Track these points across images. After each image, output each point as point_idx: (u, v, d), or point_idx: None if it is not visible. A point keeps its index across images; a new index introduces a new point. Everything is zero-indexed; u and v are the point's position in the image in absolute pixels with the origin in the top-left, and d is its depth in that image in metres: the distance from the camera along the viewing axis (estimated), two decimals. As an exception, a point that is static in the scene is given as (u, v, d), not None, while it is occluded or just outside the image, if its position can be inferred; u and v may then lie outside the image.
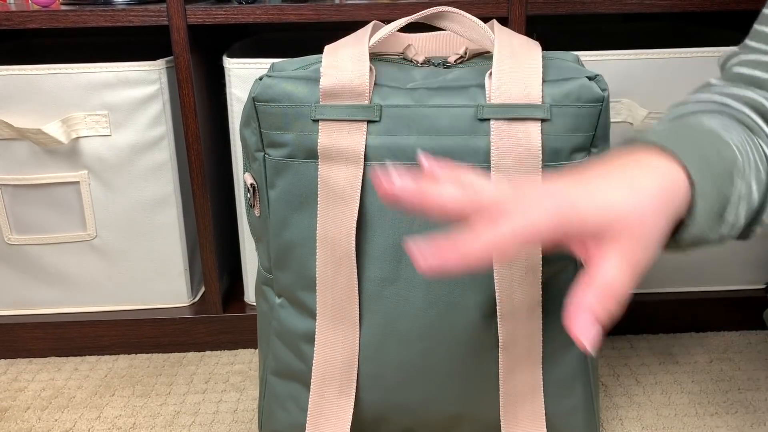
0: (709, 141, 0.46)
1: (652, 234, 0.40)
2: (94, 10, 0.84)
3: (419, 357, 0.65)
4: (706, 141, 0.46)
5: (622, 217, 0.39)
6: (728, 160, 0.46)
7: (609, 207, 0.39)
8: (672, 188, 0.42)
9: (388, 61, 0.68)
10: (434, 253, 0.39)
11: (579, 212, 0.39)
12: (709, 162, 0.44)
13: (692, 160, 0.43)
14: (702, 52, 0.85)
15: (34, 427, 0.80)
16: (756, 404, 0.81)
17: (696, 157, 0.44)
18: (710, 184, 0.44)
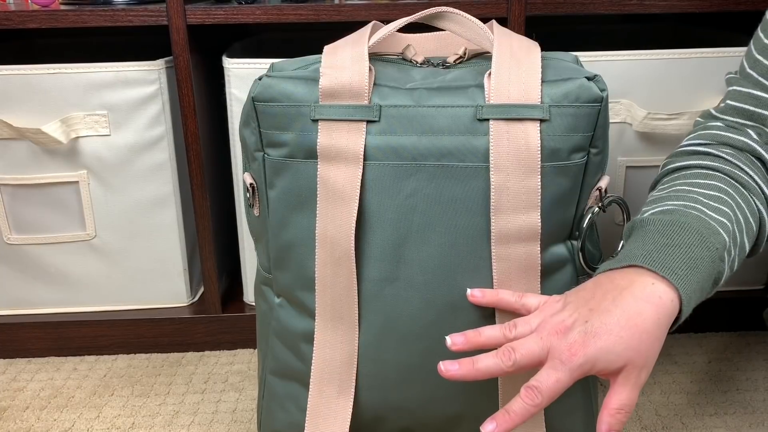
0: (698, 239, 0.54)
1: (651, 359, 0.51)
2: (94, 10, 0.84)
3: (418, 357, 0.65)
4: (695, 242, 0.54)
5: (626, 360, 0.50)
6: (718, 248, 0.55)
7: (616, 357, 0.50)
8: (668, 314, 0.51)
9: (387, 61, 0.68)
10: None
11: (595, 367, 0.50)
12: (699, 268, 0.53)
13: (683, 278, 0.52)
14: (701, 53, 0.85)
15: (33, 426, 0.80)
16: (755, 404, 0.81)
17: (685, 271, 0.53)
18: (696, 290, 0.53)
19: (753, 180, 0.63)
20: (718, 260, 0.55)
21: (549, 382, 0.50)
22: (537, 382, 0.50)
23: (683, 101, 0.86)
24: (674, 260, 0.53)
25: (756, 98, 0.65)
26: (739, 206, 0.60)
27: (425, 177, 0.61)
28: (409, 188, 0.62)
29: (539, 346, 0.52)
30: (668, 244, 0.54)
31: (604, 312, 0.51)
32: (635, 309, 0.51)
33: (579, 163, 0.62)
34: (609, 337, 0.50)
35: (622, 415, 0.50)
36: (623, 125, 0.87)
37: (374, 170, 0.62)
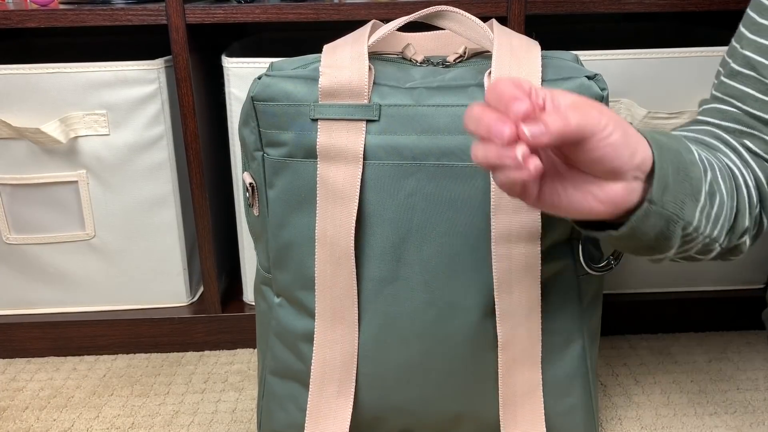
0: (674, 141, 0.54)
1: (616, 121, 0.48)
2: (93, 9, 0.84)
3: (418, 357, 0.65)
4: (672, 141, 0.54)
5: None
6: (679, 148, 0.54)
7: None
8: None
9: (387, 60, 0.68)
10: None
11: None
12: (668, 146, 0.52)
13: (656, 144, 0.51)
14: (701, 52, 0.84)
15: (33, 426, 0.80)
16: (755, 404, 0.81)
17: (659, 143, 0.52)
18: (668, 158, 0.52)
19: (715, 144, 0.63)
20: (684, 152, 0.54)
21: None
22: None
23: (683, 100, 0.86)
24: (658, 137, 0.53)
25: (721, 111, 0.66)
26: (706, 151, 0.60)
27: (425, 176, 0.61)
28: (408, 188, 0.62)
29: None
30: (651, 135, 0.53)
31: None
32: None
33: (579, 163, 0.62)
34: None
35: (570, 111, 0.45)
36: (623, 124, 0.87)
37: (374, 170, 0.62)
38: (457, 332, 0.64)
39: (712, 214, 0.56)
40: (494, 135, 0.44)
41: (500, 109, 0.45)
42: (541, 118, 0.44)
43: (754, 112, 0.63)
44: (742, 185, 0.60)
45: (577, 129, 0.45)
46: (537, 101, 0.46)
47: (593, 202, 0.50)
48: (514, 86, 0.45)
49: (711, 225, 0.57)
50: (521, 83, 0.46)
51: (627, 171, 0.49)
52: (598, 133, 0.46)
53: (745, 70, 0.64)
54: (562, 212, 0.51)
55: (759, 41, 0.63)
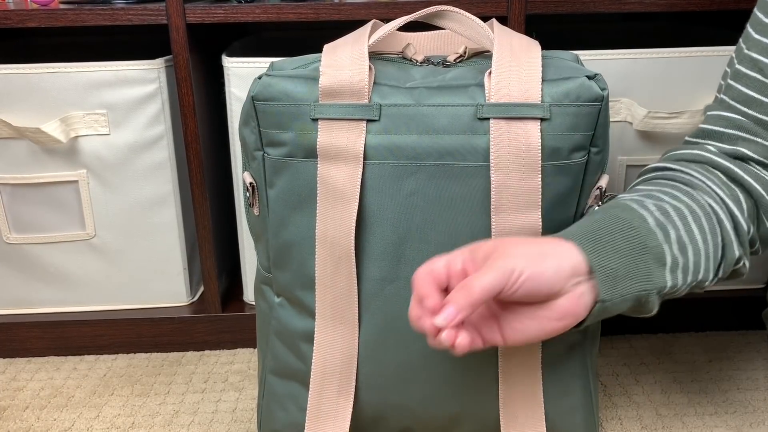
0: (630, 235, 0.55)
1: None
2: (93, 9, 0.84)
3: (418, 356, 0.65)
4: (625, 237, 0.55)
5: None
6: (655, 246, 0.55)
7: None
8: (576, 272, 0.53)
9: (387, 60, 0.68)
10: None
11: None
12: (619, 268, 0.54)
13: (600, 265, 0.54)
14: (701, 52, 0.84)
15: (33, 426, 0.80)
16: (755, 404, 0.81)
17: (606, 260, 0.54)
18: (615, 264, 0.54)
19: (700, 181, 0.62)
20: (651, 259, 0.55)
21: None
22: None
23: (684, 100, 0.86)
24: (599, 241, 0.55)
25: (725, 119, 0.65)
26: (675, 201, 0.60)
27: (425, 176, 0.61)
28: (409, 187, 0.62)
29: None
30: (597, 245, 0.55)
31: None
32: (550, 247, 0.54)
33: (579, 162, 0.62)
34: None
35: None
36: (624, 124, 0.87)
37: (374, 169, 0.62)
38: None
39: (689, 265, 0.57)
40: (423, 332, 0.52)
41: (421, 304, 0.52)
42: (449, 301, 0.51)
43: (758, 116, 0.63)
44: (724, 219, 0.60)
45: (483, 293, 0.50)
46: (455, 269, 0.53)
47: (552, 323, 0.53)
48: (422, 282, 0.52)
49: (691, 275, 0.57)
50: (432, 270, 0.53)
51: (561, 287, 0.52)
52: (509, 281, 0.51)
53: (750, 72, 0.63)
54: (534, 340, 0.55)
55: (765, 42, 0.63)
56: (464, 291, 0.50)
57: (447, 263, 0.54)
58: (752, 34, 0.64)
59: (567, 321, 0.53)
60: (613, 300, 0.54)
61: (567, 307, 0.53)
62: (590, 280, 0.53)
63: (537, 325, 0.53)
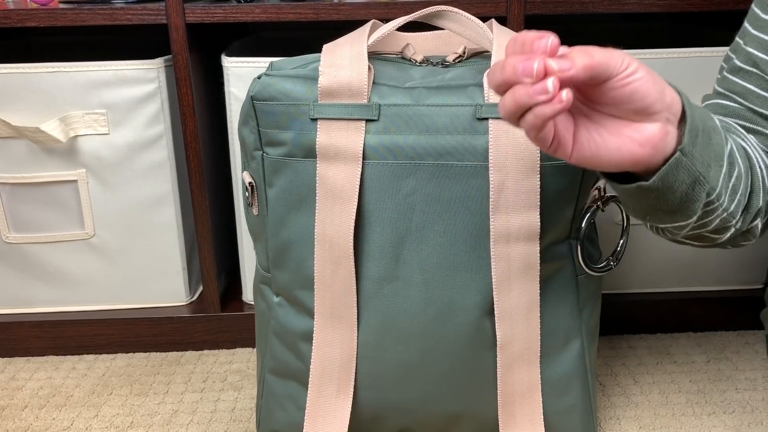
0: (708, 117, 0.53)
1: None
2: (93, 9, 0.84)
3: (417, 356, 0.65)
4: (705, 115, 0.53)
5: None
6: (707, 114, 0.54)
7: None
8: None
9: (386, 60, 0.68)
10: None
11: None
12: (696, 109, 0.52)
13: (687, 101, 0.51)
14: (700, 52, 0.85)
15: (32, 425, 0.80)
16: (753, 404, 0.81)
17: (689, 103, 0.51)
18: (695, 116, 0.51)
19: (731, 124, 0.63)
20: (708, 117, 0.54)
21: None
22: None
23: (682, 100, 0.86)
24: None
25: (723, 107, 0.65)
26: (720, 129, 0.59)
27: (424, 176, 0.61)
28: (408, 187, 0.62)
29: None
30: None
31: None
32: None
33: (578, 163, 0.62)
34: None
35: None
36: (622, 124, 0.87)
37: (373, 169, 0.62)
38: (456, 331, 0.64)
39: (730, 184, 0.56)
40: (523, 73, 0.44)
41: (524, 52, 0.45)
42: (567, 55, 0.44)
43: (756, 108, 0.63)
44: (756, 165, 0.59)
45: (602, 63, 0.45)
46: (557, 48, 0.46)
47: (632, 145, 0.49)
48: (535, 33, 0.45)
49: (730, 195, 0.56)
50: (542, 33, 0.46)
51: (659, 110, 0.49)
52: (624, 69, 0.46)
53: (747, 67, 0.64)
54: (602, 161, 0.50)
55: (762, 37, 0.63)
56: (584, 53, 0.44)
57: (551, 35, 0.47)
58: (749, 29, 0.65)
59: (647, 150, 0.49)
60: (688, 159, 0.51)
61: (654, 134, 0.49)
62: (677, 128, 0.51)
63: (616, 142, 0.49)
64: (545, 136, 0.47)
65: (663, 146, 0.50)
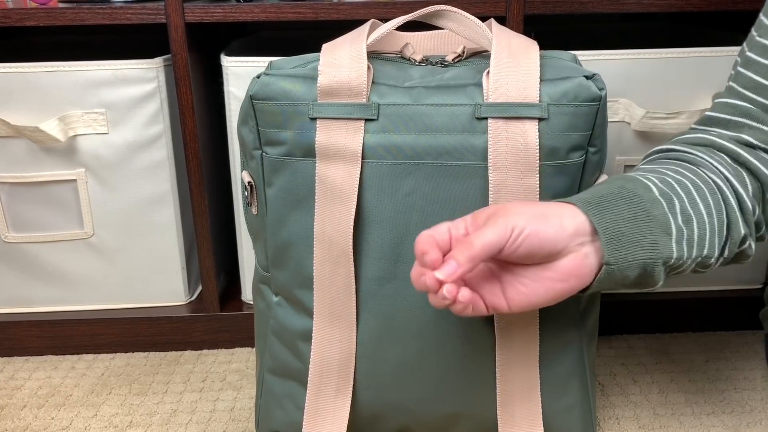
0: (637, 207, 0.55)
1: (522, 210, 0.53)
2: (92, 8, 0.84)
3: (416, 356, 0.65)
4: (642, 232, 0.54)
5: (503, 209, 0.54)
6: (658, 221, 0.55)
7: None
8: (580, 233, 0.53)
9: (385, 59, 0.68)
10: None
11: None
12: (623, 233, 0.53)
13: (607, 229, 0.53)
14: (699, 52, 0.85)
15: (31, 425, 0.80)
16: (752, 404, 0.81)
17: (613, 228, 0.53)
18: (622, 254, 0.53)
19: (704, 159, 0.62)
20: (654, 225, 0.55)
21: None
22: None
23: (682, 100, 0.86)
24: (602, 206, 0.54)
25: (732, 106, 0.65)
26: (681, 177, 0.60)
27: (423, 176, 0.61)
28: (407, 187, 0.62)
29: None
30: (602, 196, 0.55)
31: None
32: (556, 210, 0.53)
33: (577, 162, 0.62)
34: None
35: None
36: (622, 124, 0.87)
37: (372, 169, 0.62)
38: (455, 331, 0.64)
39: (694, 237, 0.56)
40: (426, 288, 0.52)
41: (422, 264, 0.52)
42: (451, 256, 0.51)
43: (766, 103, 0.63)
44: (729, 197, 0.59)
45: (484, 248, 0.50)
46: (458, 234, 0.53)
47: (556, 284, 0.53)
48: (424, 241, 0.52)
49: (696, 248, 0.57)
50: (435, 233, 0.53)
51: (564, 245, 0.52)
52: (510, 237, 0.51)
53: (760, 59, 0.63)
54: (538, 304, 0.54)
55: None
56: (465, 246, 0.50)
57: (449, 227, 0.54)
58: (765, 21, 0.64)
59: (572, 283, 0.52)
60: (619, 264, 0.53)
61: (571, 267, 0.52)
62: (594, 242, 0.53)
63: (541, 287, 0.53)
64: (476, 311, 0.54)
65: (584, 269, 0.53)
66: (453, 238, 0.53)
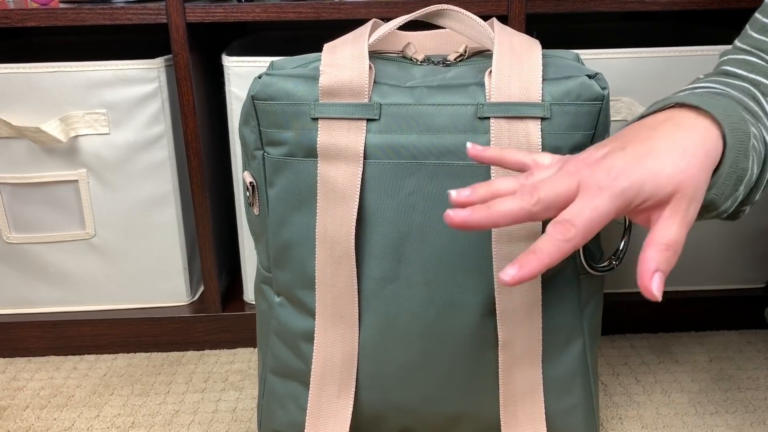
0: (732, 107, 0.49)
1: (699, 191, 0.45)
2: (93, 9, 0.84)
3: (419, 356, 0.65)
4: (730, 107, 0.49)
5: (677, 185, 0.44)
6: (747, 129, 0.49)
7: (666, 180, 0.43)
8: (712, 149, 0.46)
9: (387, 59, 0.68)
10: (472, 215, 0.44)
11: (642, 193, 0.43)
12: (738, 127, 0.48)
13: (726, 122, 0.47)
14: (702, 51, 0.84)
15: (33, 426, 0.80)
16: (756, 403, 0.81)
17: (728, 120, 0.47)
18: (735, 147, 0.47)
19: (757, 112, 0.58)
20: (750, 134, 0.49)
21: (584, 211, 0.42)
22: (569, 214, 0.42)
23: (684, 99, 0.86)
24: (719, 105, 0.48)
25: (749, 63, 0.61)
26: (753, 123, 0.55)
27: (425, 175, 0.61)
28: (409, 187, 0.62)
29: (566, 180, 0.44)
30: (710, 94, 0.49)
31: (645, 139, 0.45)
32: (680, 134, 0.45)
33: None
34: (657, 156, 0.44)
35: (671, 253, 0.43)
36: (624, 123, 0.87)
37: (374, 169, 0.62)
38: (458, 331, 0.64)
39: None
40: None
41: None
42: (534, 250, 0.43)
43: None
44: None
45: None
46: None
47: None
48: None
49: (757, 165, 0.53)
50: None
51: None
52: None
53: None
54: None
55: None
56: (537, 254, 0.42)
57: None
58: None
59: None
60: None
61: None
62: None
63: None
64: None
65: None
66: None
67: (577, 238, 0.42)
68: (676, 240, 0.44)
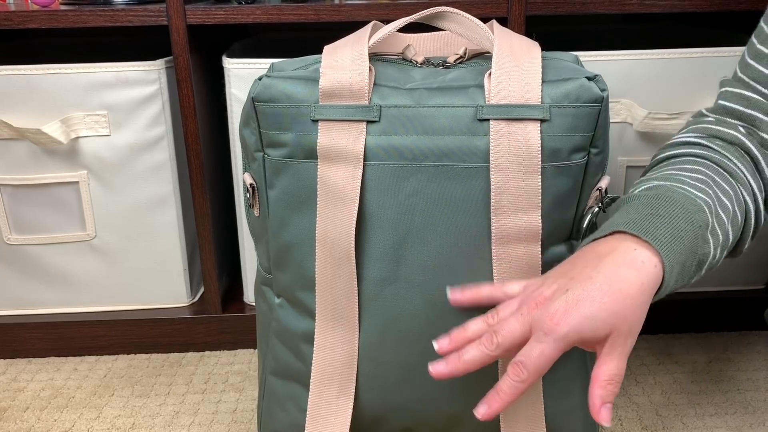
0: (682, 212, 0.54)
1: (635, 326, 0.50)
2: (94, 10, 0.84)
3: (418, 357, 0.65)
4: (679, 214, 0.53)
5: (611, 327, 0.49)
6: (701, 225, 0.54)
7: (602, 324, 0.49)
8: (651, 281, 0.50)
9: (387, 61, 0.68)
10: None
11: (582, 335, 0.49)
12: (681, 239, 0.52)
13: (666, 245, 0.51)
14: (701, 53, 0.85)
15: (34, 427, 0.80)
16: (755, 404, 0.81)
17: (668, 239, 0.52)
18: (679, 261, 0.52)
19: (741, 171, 0.62)
20: (701, 238, 0.54)
21: (533, 355, 0.49)
22: (522, 357, 0.50)
23: (684, 101, 0.86)
24: (657, 228, 0.52)
25: (746, 99, 0.65)
26: (725, 192, 0.59)
27: (425, 177, 0.61)
28: (409, 188, 0.62)
29: (520, 323, 0.51)
30: (652, 214, 0.53)
31: (586, 279, 0.50)
32: (617, 275, 0.50)
33: (579, 163, 0.62)
34: (592, 303, 0.49)
35: (612, 385, 0.49)
36: (624, 125, 0.87)
37: (374, 170, 0.62)
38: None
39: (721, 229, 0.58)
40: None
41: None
42: (495, 393, 0.52)
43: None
44: (752, 217, 0.61)
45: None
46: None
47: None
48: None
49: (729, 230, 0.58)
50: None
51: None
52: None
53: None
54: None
55: None
56: (499, 394, 0.51)
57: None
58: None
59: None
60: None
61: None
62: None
63: None
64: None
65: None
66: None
67: (530, 379, 0.50)
68: (616, 374, 0.49)
